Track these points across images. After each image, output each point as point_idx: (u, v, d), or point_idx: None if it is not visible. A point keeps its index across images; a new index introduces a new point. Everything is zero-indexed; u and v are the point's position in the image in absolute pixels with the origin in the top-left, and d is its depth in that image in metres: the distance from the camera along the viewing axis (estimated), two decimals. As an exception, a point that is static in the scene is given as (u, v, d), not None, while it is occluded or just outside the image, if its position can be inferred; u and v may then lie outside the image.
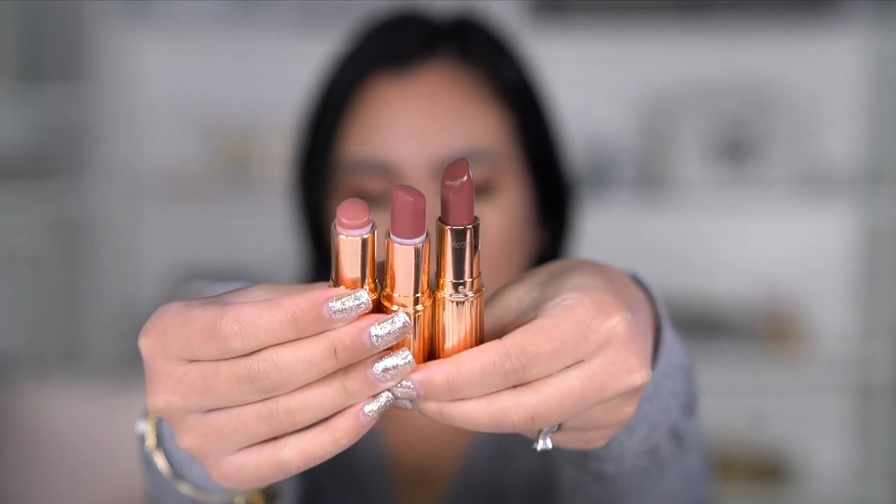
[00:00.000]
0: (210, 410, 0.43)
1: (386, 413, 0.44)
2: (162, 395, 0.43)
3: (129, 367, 2.36)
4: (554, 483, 0.66)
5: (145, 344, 0.44)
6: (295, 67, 1.75)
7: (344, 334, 0.42)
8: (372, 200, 0.79)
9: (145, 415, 0.54)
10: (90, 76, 2.44)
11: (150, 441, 0.53)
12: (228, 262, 2.54)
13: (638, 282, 0.53)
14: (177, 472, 0.53)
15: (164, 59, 2.56)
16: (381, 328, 0.42)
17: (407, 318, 0.42)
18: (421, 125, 0.80)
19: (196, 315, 0.42)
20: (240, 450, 0.44)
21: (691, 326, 2.38)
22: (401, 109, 0.81)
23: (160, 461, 0.53)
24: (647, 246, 2.50)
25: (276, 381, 0.42)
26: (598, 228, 2.13)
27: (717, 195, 2.40)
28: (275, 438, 0.44)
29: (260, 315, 0.41)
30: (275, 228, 1.38)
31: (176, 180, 2.50)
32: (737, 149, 2.43)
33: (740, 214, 2.47)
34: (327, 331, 0.42)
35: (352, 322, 0.42)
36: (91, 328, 2.53)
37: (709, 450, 0.70)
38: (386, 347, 0.42)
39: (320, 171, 0.83)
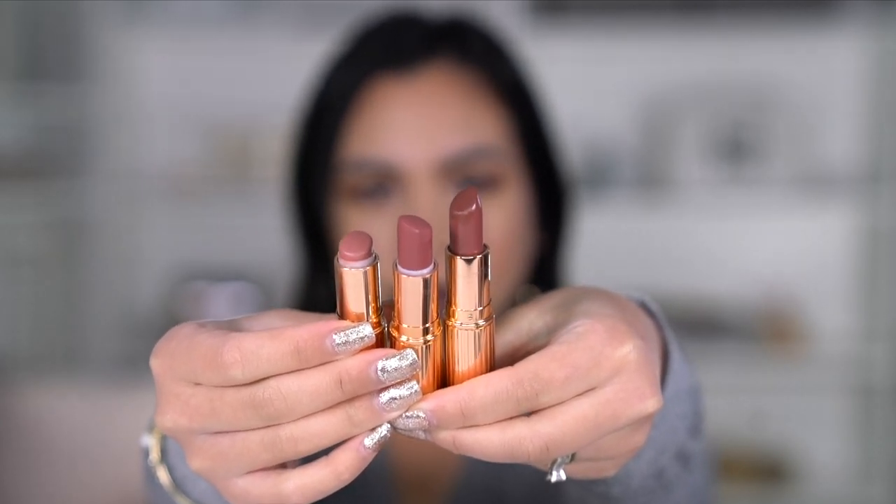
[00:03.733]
0: (216, 433, 0.44)
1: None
2: (170, 416, 0.44)
3: (128, 368, 2.36)
4: (554, 490, 0.66)
5: (155, 364, 0.44)
6: (295, 67, 1.74)
7: (351, 366, 0.42)
8: (375, 201, 0.79)
9: (150, 429, 0.54)
10: (90, 76, 2.44)
11: (154, 455, 0.53)
12: (228, 262, 2.54)
13: (645, 308, 0.53)
14: (179, 487, 0.53)
15: (164, 59, 2.56)
16: (389, 363, 0.42)
17: (415, 357, 0.42)
18: (424, 124, 0.80)
19: (201, 340, 0.43)
20: (245, 475, 0.44)
21: (691, 326, 2.38)
22: (404, 109, 0.80)
23: (163, 475, 0.53)
24: (647, 246, 2.50)
25: (281, 409, 0.42)
26: (597, 229, 2.13)
27: (717, 195, 2.40)
28: (281, 467, 0.44)
29: (262, 344, 0.41)
30: (275, 228, 1.38)
31: (176, 180, 2.50)
32: (737, 149, 2.42)
33: (740, 214, 2.47)
34: (332, 361, 0.42)
35: (358, 354, 0.42)
36: (91, 328, 2.53)
37: (713, 459, 0.69)
38: (392, 383, 0.42)
39: (320, 171, 0.83)
